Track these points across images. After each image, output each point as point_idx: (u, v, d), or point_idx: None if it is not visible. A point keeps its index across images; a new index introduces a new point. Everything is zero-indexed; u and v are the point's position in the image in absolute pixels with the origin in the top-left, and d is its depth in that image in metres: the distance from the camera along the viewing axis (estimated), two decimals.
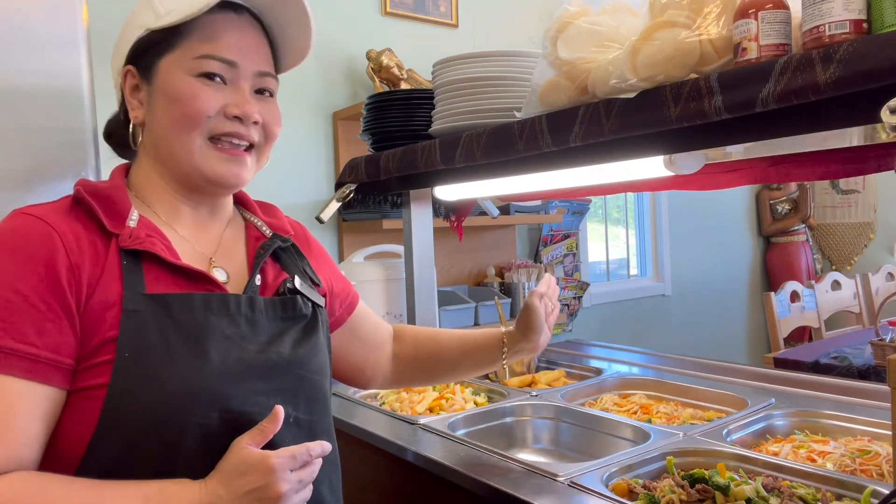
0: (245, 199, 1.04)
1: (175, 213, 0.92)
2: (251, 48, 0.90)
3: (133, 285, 0.80)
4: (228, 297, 0.86)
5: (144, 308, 0.79)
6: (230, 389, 0.80)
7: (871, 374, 2.26)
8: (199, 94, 0.85)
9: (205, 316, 0.82)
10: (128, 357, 0.76)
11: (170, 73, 0.86)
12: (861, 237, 4.71)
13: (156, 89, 0.88)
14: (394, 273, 1.96)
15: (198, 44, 0.86)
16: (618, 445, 1.33)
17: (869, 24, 0.77)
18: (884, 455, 1.13)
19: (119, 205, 0.85)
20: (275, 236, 0.99)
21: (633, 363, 1.86)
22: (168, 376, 0.77)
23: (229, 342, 0.83)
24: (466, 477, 1.13)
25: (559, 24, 1.08)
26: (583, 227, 3.58)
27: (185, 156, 0.87)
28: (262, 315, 0.88)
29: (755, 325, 4.63)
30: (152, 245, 0.83)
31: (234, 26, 0.88)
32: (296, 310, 0.93)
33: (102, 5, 1.88)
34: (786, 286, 3.30)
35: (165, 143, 0.88)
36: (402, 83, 2.56)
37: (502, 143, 1.21)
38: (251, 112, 0.88)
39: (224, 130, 0.87)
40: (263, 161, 0.96)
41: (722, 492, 1.01)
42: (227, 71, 0.87)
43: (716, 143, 0.97)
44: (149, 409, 0.76)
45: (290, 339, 0.90)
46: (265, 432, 0.77)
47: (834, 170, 1.22)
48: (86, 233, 0.81)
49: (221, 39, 0.87)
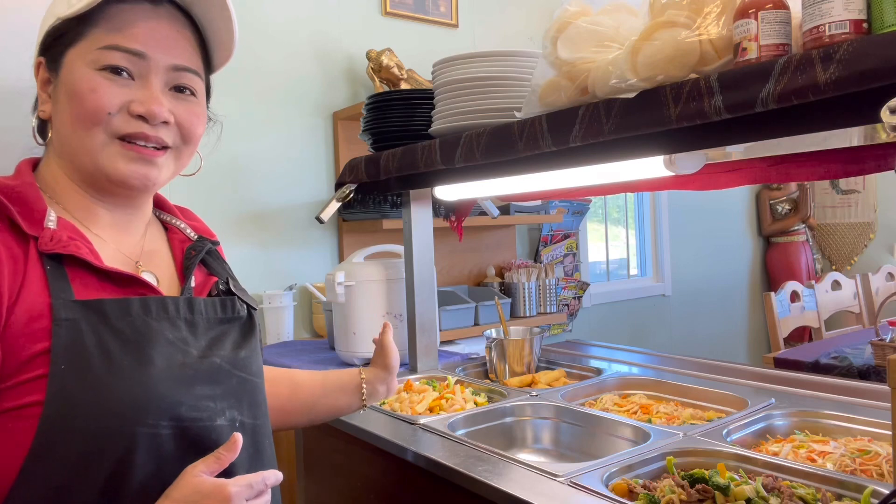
0: (163, 201, 0.99)
1: (91, 214, 0.84)
2: (166, 40, 0.82)
3: (60, 292, 0.73)
4: (167, 300, 0.81)
5: (78, 316, 0.73)
6: (178, 396, 0.76)
7: (871, 374, 2.26)
8: (98, 88, 0.78)
9: (144, 321, 0.78)
10: (64, 369, 0.70)
11: (73, 65, 0.79)
12: (861, 237, 4.71)
13: (60, 82, 0.81)
14: (394, 273, 1.96)
15: (103, 34, 0.79)
16: (618, 445, 1.33)
17: (869, 24, 0.77)
18: (884, 455, 1.13)
19: (34, 204, 0.78)
20: (202, 238, 0.95)
21: (633, 363, 1.86)
22: (112, 386, 0.72)
23: (172, 347, 0.79)
24: (466, 477, 1.13)
25: (559, 24, 1.08)
26: (583, 227, 3.58)
27: (86, 155, 0.80)
28: (201, 317, 0.85)
29: (755, 325, 4.63)
30: (77, 249, 0.76)
31: (146, 16, 0.81)
32: (234, 311, 0.90)
33: None
34: (786, 286, 3.31)
35: (67, 141, 0.81)
36: (402, 83, 2.56)
37: (502, 143, 1.21)
38: (158, 111, 0.80)
39: (127, 131, 0.80)
40: (184, 163, 0.89)
41: (722, 492, 1.01)
42: (133, 63, 0.80)
43: (716, 143, 0.97)
44: (93, 422, 0.70)
45: (230, 341, 0.87)
46: (221, 460, 0.74)
47: (834, 170, 1.22)
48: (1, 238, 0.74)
49: (128, 29, 0.80)
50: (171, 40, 0.83)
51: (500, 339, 1.77)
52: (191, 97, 0.86)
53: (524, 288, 2.93)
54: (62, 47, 0.81)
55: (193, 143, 0.88)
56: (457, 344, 2.50)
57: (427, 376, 1.78)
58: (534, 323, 2.89)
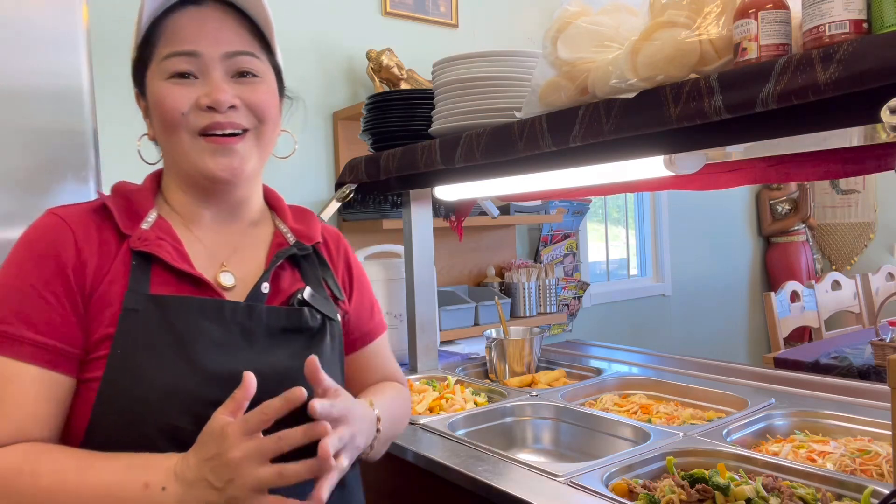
0: (278, 204, 1.04)
1: (193, 215, 0.92)
2: (214, 32, 0.87)
3: (137, 285, 0.82)
4: (224, 304, 0.85)
5: (142, 308, 0.81)
6: (210, 395, 0.77)
7: (871, 374, 2.26)
8: (169, 94, 0.85)
9: (196, 320, 0.82)
10: (119, 354, 0.79)
11: (151, 84, 0.88)
12: (861, 237, 4.71)
13: (148, 104, 0.90)
14: (394, 273, 1.96)
15: (163, 47, 0.87)
16: (618, 445, 1.33)
17: (869, 24, 0.77)
18: (884, 455, 1.13)
19: (138, 206, 0.88)
20: (297, 244, 0.97)
21: (633, 363, 1.86)
22: (151, 375, 0.78)
23: (217, 349, 0.82)
24: (466, 477, 1.13)
25: (559, 24, 1.08)
26: (583, 227, 3.58)
27: (182, 157, 0.88)
28: (259, 324, 0.86)
29: (755, 325, 4.63)
30: (158, 248, 0.84)
31: (191, 18, 0.87)
32: (301, 321, 0.90)
33: (102, 5, 1.87)
34: (786, 286, 3.31)
35: (168, 151, 0.91)
36: (402, 83, 2.56)
37: (502, 143, 1.21)
38: (222, 98, 0.85)
39: (202, 124, 0.86)
40: (267, 144, 0.93)
41: (722, 492, 1.01)
42: (192, 64, 0.86)
43: (716, 143, 0.97)
44: (130, 405, 0.78)
45: (289, 351, 0.87)
46: (237, 399, 0.73)
47: (834, 170, 1.22)
48: (99, 232, 0.84)
49: (179, 34, 0.86)
50: (219, 31, 0.87)
51: (500, 339, 1.77)
52: (254, 78, 0.89)
53: (524, 288, 2.93)
54: (142, 73, 0.90)
55: (270, 122, 0.91)
56: (457, 344, 2.50)
57: (427, 376, 1.78)
58: (534, 323, 2.89)
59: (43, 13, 1.20)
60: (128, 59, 0.93)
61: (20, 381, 0.76)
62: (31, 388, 0.77)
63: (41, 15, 1.20)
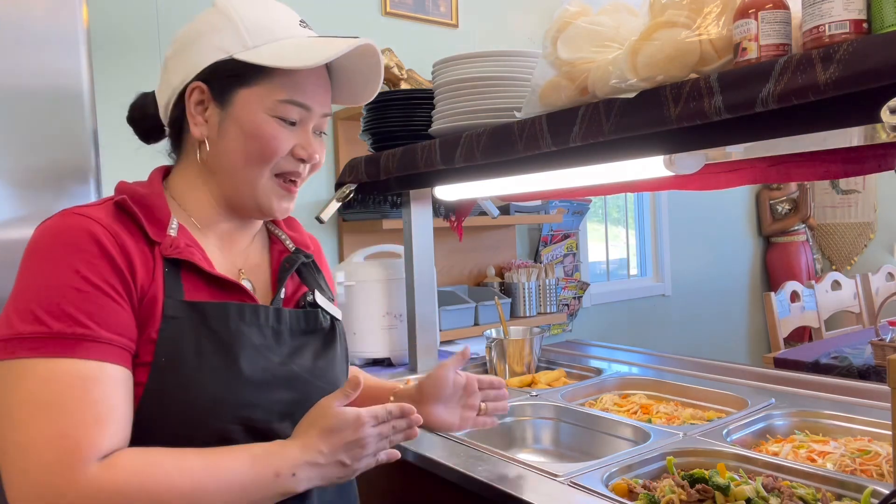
0: None
1: (210, 223, 0.94)
2: (322, 92, 0.93)
3: (173, 292, 0.83)
4: (259, 308, 0.88)
5: (183, 315, 0.82)
6: (254, 398, 0.83)
7: (871, 374, 2.26)
8: (278, 135, 0.88)
9: (237, 325, 0.85)
10: (163, 362, 0.80)
11: (249, 107, 0.88)
12: (861, 237, 4.71)
13: (229, 117, 0.88)
14: (394, 273, 1.96)
15: (280, 88, 0.88)
16: (618, 445, 1.33)
17: (869, 24, 0.77)
18: (884, 455, 1.13)
19: (159, 212, 0.88)
20: (297, 251, 1.02)
21: (633, 363, 1.86)
22: (198, 383, 0.80)
23: (257, 353, 0.85)
24: (467, 477, 1.13)
25: (559, 24, 1.08)
26: (583, 227, 3.58)
27: (247, 188, 0.90)
28: (285, 327, 0.91)
29: (755, 325, 4.63)
30: (191, 255, 0.86)
31: (315, 73, 0.91)
32: (317, 323, 0.96)
33: (102, 5, 1.87)
34: (786, 286, 3.30)
35: (231, 170, 0.90)
36: (402, 83, 2.56)
37: (502, 143, 1.21)
38: (317, 156, 0.92)
39: (288, 169, 0.91)
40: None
41: (722, 492, 1.01)
42: (300, 114, 0.90)
43: (716, 143, 0.97)
44: (180, 412, 0.79)
45: (311, 351, 0.93)
46: (349, 396, 0.83)
47: (834, 170, 1.22)
48: (133, 239, 0.83)
49: (302, 86, 0.89)
50: (325, 92, 0.94)
51: (500, 339, 1.77)
52: (323, 136, 0.96)
53: (524, 288, 2.93)
54: (233, 84, 0.88)
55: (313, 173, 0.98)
56: (457, 344, 2.50)
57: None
58: (534, 323, 2.89)
59: (43, 13, 1.20)
60: (128, 59, 0.93)
61: (113, 383, 0.76)
62: (122, 390, 0.77)
63: (41, 15, 1.20)
